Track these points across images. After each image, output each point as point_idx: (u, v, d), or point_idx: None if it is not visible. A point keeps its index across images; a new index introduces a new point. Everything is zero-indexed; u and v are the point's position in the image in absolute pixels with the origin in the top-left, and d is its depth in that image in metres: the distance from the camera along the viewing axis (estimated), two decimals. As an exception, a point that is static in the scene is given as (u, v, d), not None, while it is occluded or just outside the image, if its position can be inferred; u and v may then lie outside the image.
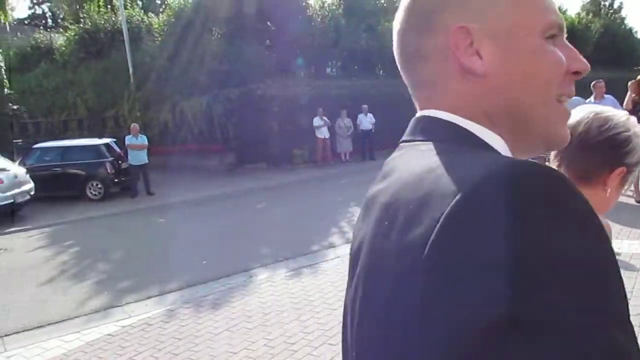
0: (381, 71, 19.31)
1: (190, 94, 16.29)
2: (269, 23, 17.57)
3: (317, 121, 15.48)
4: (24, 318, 5.22)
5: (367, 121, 16.23)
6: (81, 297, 5.77)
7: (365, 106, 16.20)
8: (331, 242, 7.31)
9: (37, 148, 13.21)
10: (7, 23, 19.39)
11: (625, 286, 0.49)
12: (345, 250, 6.75)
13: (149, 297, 5.56)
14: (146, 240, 8.61)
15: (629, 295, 2.87)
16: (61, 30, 26.49)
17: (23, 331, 4.91)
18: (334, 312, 4.68)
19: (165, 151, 16.54)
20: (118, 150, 13.21)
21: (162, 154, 16.03)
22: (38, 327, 4.99)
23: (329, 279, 5.63)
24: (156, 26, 20.34)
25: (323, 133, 15.64)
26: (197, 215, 10.36)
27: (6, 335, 4.82)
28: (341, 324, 0.73)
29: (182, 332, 4.52)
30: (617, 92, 8.81)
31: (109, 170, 12.53)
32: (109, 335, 4.62)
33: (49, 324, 5.04)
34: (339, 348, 4.32)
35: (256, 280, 5.84)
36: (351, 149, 16.38)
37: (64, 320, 5.11)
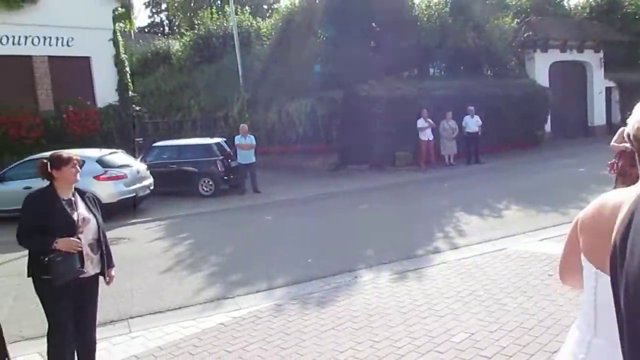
0: (489, 71, 18.55)
1: (296, 96, 16.70)
2: (373, 24, 17.56)
3: (421, 123, 15.19)
4: (146, 303, 5.64)
5: (473, 123, 15.66)
6: (196, 287, 6.12)
7: (471, 107, 15.63)
8: (436, 247, 7.12)
9: (156, 146, 14.27)
10: (131, 31, 21.13)
11: None
12: (451, 256, 6.54)
13: (258, 291, 5.77)
14: (253, 236, 8.94)
15: None
16: (177, 36, 28.43)
17: (146, 315, 5.30)
18: (441, 319, 4.54)
19: (271, 151, 17.13)
20: (228, 149, 13.87)
21: (268, 154, 16.63)
22: (158, 312, 5.37)
23: (434, 285, 5.48)
24: (264, 30, 21.16)
25: (427, 135, 15.31)
26: (301, 213, 10.60)
27: (131, 318, 5.23)
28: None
29: (289, 327, 4.63)
30: None
31: (219, 168, 13.23)
32: (221, 324, 4.84)
33: (167, 310, 5.40)
34: (447, 357, 4.18)
35: (361, 281, 5.84)
36: (456, 151, 15.89)
37: (181, 308, 5.45)
